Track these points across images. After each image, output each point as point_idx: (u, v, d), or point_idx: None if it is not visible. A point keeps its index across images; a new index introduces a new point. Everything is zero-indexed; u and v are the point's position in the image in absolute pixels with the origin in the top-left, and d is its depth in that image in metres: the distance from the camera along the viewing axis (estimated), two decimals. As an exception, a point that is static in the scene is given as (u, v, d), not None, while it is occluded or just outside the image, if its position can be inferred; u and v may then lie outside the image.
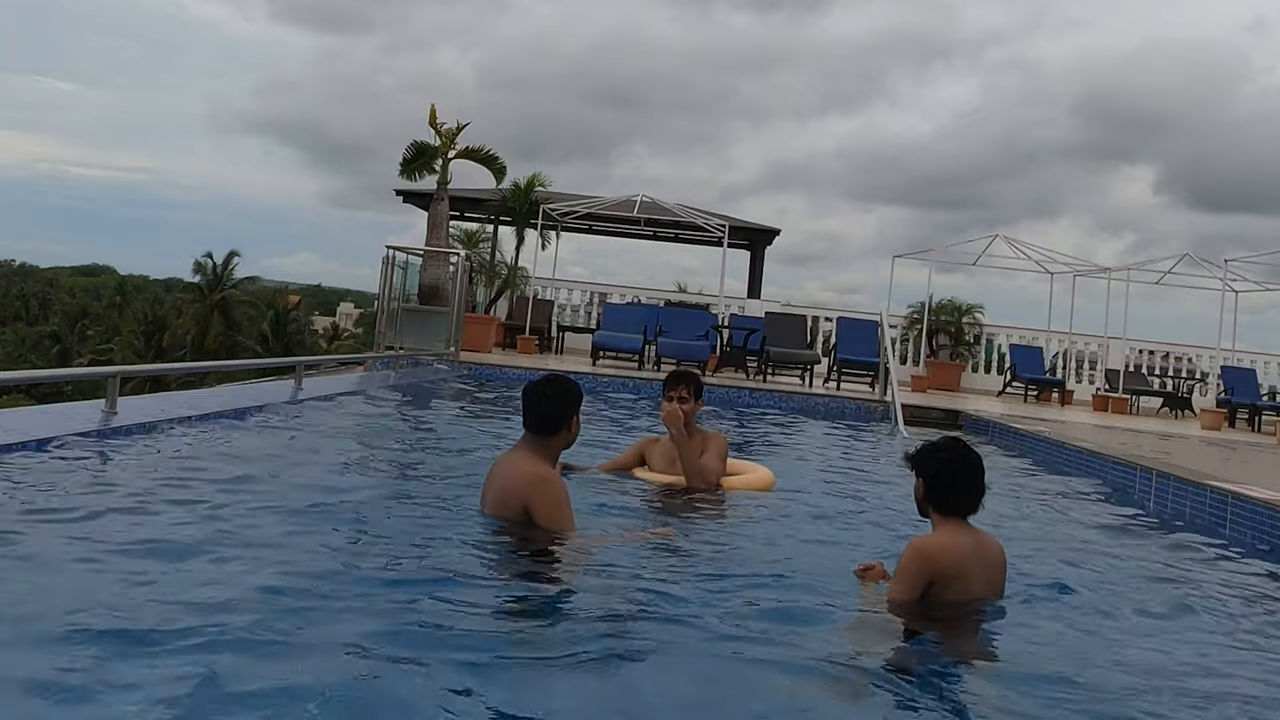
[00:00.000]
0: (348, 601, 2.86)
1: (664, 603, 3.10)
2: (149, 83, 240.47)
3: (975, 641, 3.19)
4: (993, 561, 3.31)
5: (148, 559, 3.06)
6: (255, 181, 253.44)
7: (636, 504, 4.74)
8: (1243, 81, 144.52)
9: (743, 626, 2.95)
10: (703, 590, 3.32)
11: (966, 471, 3.31)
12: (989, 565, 3.29)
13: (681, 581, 3.39)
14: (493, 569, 3.40)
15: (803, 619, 3.10)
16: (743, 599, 3.27)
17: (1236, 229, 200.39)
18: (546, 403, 3.83)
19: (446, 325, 12.92)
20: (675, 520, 4.45)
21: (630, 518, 4.39)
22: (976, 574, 3.23)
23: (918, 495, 3.37)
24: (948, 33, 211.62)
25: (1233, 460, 9.54)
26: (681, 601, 3.14)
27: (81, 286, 64.76)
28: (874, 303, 19.40)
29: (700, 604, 3.14)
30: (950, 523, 3.28)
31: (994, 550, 3.34)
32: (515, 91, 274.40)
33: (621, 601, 3.09)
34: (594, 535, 3.77)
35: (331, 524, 3.76)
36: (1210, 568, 4.75)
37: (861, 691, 2.55)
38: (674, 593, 3.24)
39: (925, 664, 2.85)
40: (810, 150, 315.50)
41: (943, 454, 3.34)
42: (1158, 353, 18.95)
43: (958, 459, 3.32)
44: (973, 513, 3.32)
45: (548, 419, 3.82)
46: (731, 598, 3.27)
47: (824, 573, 3.66)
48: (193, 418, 5.74)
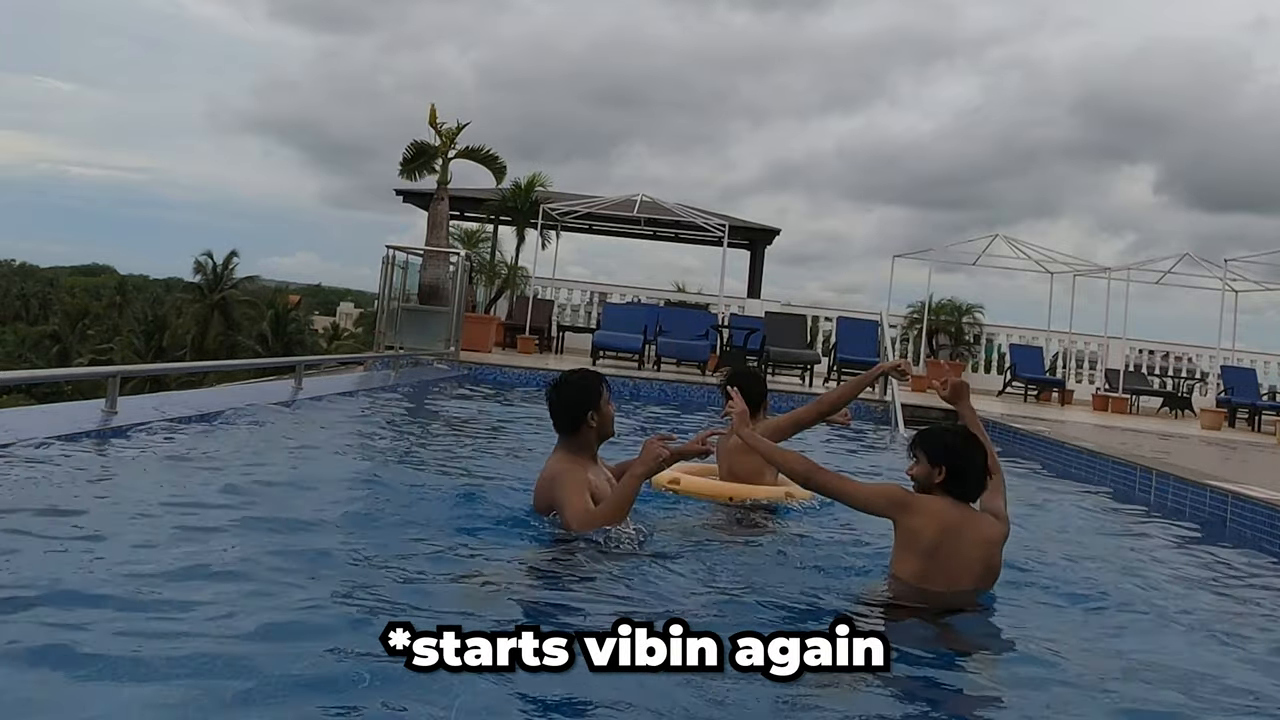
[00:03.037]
0: (348, 602, 2.87)
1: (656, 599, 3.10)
2: (149, 83, 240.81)
3: (967, 633, 3.22)
4: (978, 538, 3.34)
5: (147, 558, 3.06)
6: (255, 181, 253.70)
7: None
8: (1244, 81, 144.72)
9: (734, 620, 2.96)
10: (693, 588, 3.33)
11: (982, 464, 3.39)
12: (971, 541, 3.32)
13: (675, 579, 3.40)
14: (496, 568, 3.40)
15: (797, 618, 3.11)
16: (739, 598, 3.28)
17: (1237, 229, 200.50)
18: (558, 405, 3.94)
19: (446, 325, 12.92)
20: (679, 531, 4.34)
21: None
22: (952, 544, 3.28)
23: (926, 479, 3.38)
24: (949, 32, 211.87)
25: (1233, 460, 9.54)
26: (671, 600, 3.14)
27: (81, 286, 64.75)
28: (874, 303, 19.40)
29: (692, 603, 3.15)
30: (944, 496, 3.35)
31: (984, 529, 3.37)
32: (515, 91, 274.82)
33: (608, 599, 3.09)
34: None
35: (331, 524, 3.76)
36: (1210, 567, 4.75)
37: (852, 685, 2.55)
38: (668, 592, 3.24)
39: (918, 652, 2.88)
40: (810, 150, 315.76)
41: (962, 445, 3.40)
42: (1158, 352, 18.95)
43: (976, 450, 3.40)
44: (968, 501, 3.39)
45: (563, 419, 3.92)
46: (726, 596, 3.28)
47: (819, 577, 3.66)
48: (192, 418, 5.75)
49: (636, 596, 3.20)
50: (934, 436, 3.45)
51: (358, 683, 2.27)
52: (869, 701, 2.50)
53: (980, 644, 3.16)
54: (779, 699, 2.39)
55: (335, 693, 2.23)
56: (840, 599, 3.41)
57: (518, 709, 2.23)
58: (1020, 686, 2.78)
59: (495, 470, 5.39)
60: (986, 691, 2.79)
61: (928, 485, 3.37)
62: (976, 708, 2.69)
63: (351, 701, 2.20)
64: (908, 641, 2.90)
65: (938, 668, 2.85)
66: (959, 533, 3.31)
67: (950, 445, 3.39)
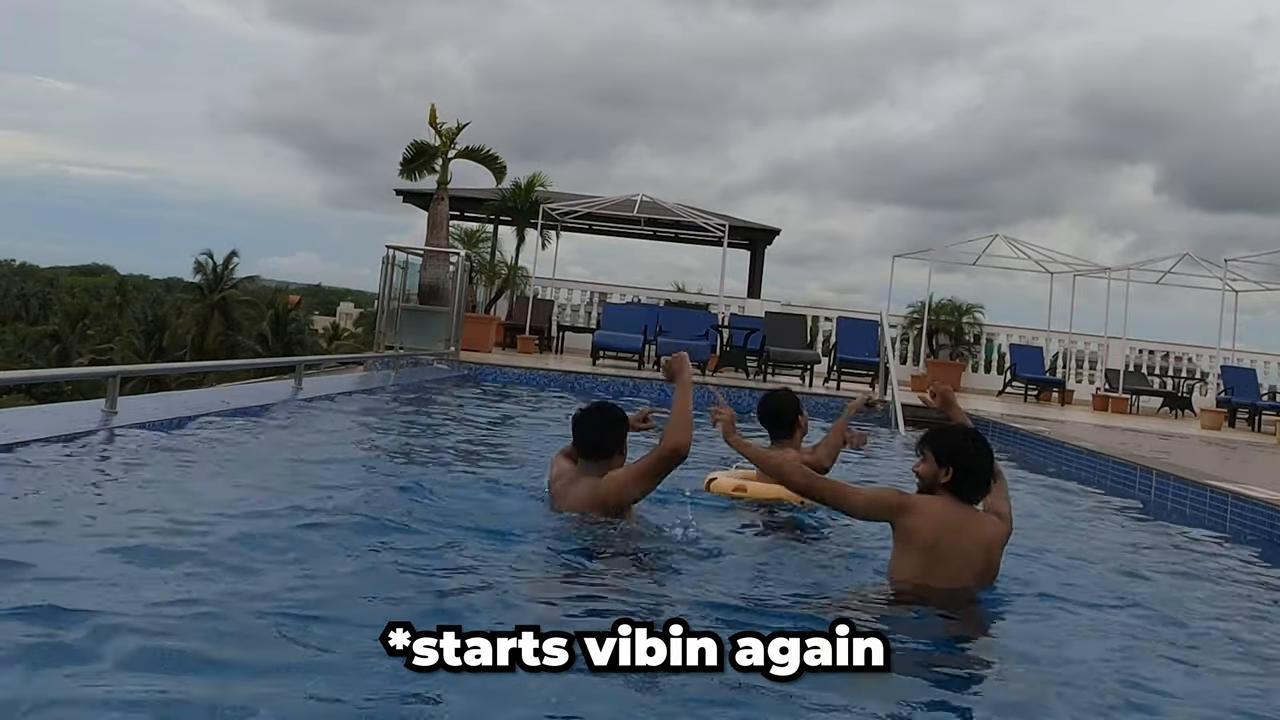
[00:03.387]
0: (348, 601, 2.86)
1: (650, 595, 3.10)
2: (149, 83, 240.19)
3: (968, 631, 3.23)
4: (977, 539, 3.34)
5: (147, 558, 3.06)
6: (255, 181, 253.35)
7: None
8: (1244, 81, 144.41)
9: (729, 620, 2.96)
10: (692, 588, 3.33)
11: (988, 466, 3.40)
12: (969, 541, 3.32)
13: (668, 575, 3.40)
14: (497, 566, 3.40)
15: (791, 618, 3.12)
16: (734, 595, 3.28)
17: (1237, 228, 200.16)
18: (602, 433, 4.01)
19: (446, 325, 12.92)
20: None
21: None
22: (950, 543, 3.28)
23: (931, 478, 3.36)
24: (949, 32, 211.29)
25: (1233, 460, 9.55)
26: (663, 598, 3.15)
27: (81, 286, 64.79)
28: (874, 303, 19.37)
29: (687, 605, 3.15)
30: (945, 496, 3.34)
31: (984, 529, 3.37)
32: (515, 91, 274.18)
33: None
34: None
35: (331, 524, 3.75)
36: (1209, 567, 4.75)
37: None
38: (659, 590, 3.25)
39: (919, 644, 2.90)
40: (810, 150, 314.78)
41: (972, 445, 3.41)
42: (1158, 352, 18.95)
43: (984, 452, 3.41)
44: (970, 502, 3.39)
45: (599, 448, 3.97)
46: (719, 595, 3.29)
47: (817, 575, 3.67)
48: (192, 418, 5.74)
49: (664, 593, 3.27)
50: (943, 436, 3.44)
51: (362, 681, 2.27)
52: (869, 700, 2.50)
53: (981, 642, 3.16)
54: (780, 696, 2.39)
55: (335, 693, 2.23)
56: (842, 595, 3.41)
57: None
58: (1019, 684, 2.78)
59: (496, 470, 5.39)
60: (986, 689, 2.78)
61: (932, 484, 3.35)
62: (977, 706, 2.69)
63: (351, 703, 2.20)
64: (909, 639, 2.90)
65: (939, 666, 2.85)
66: (959, 530, 3.31)
67: (959, 445, 3.38)
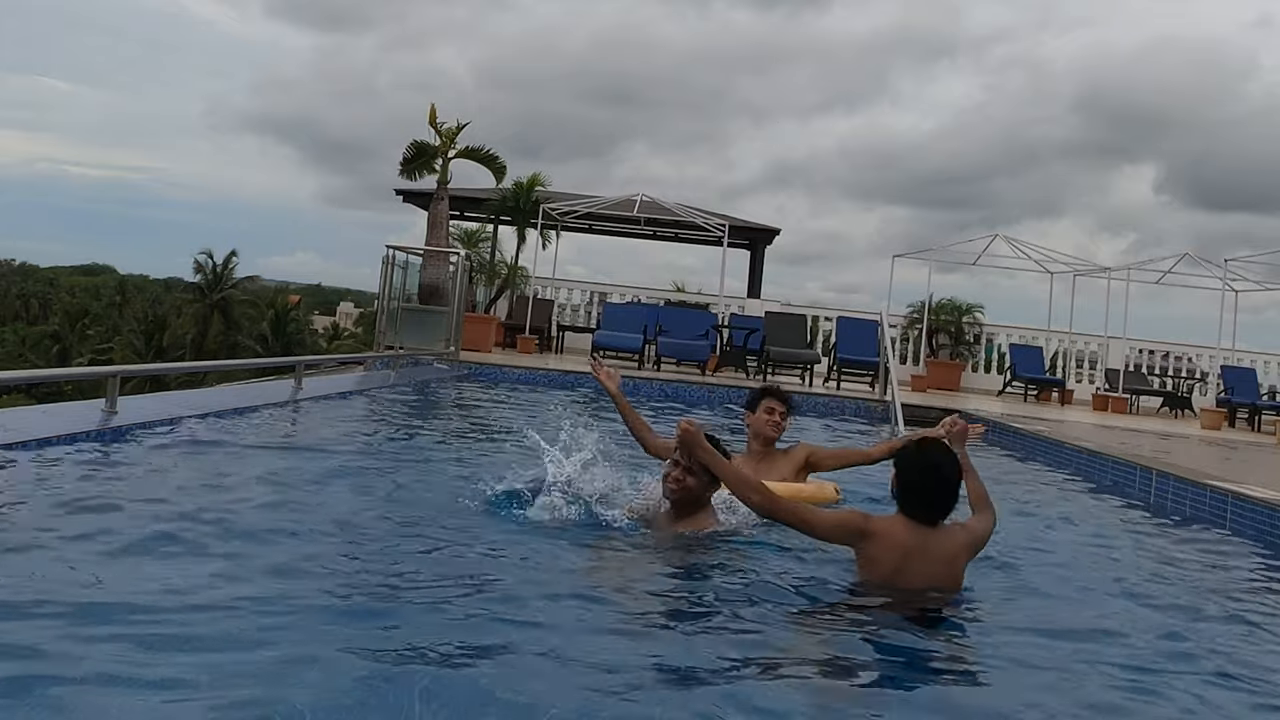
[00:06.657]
0: (348, 602, 2.87)
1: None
2: (148, 82, 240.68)
3: (949, 632, 3.22)
4: (939, 556, 3.33)
5: (147, 558, 3.06)
6: (254, 181, 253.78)
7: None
8: (1245, 80, 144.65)
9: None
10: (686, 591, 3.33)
11: (931, 486, 3.31)
12: (932, 560, 3.31)
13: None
14: (497, 567, 3.40)
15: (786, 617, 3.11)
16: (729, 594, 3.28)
17: (1238, 228, 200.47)
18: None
19: (446, 325, 12.92)
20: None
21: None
22: (913, 567, 3.28)
23: (891, 482, 3.43)
24: (951, 31, 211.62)
25: (1233, 460, 9.54)
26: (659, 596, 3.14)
27: (81, 286, 64.80)
28: (874, 302, 19.34)
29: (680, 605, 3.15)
30: (904, 517, 3.34)
31: (945, 546, 3.35)
32: (515, 90, 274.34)
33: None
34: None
35: (331, 523, 3.76)
36: (1208, 567, 4.75)
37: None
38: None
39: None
40: (811, 149, 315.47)
41: (920, 460, 3.35)
42: (1158, 352, 18.94)
43: (928, 471, 3.32)
44: (928, 523, 3.32)
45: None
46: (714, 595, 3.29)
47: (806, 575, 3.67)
48: (192, 418, 5.74)
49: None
50: (910, 443, 3.54)
51: (363, 684, 2.27)
52: (848, 698, 2.51)
53: (963, 643, 3.15)
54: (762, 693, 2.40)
55: (336, 692, 2.23)
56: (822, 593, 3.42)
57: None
58: (1008, 686, 2.78)
59: (496, 469, 5.38)
60: (968, 687, 2.78)
61: (890, 488, 3.42)
62: (961, 705, 2.68)
63: (352, 702, 2.20)
64: (885, 637, 2.92)
65: (914, 667, 2.86)
66: (922, 551, 3.31)
67: (908, 452, 3.40)
